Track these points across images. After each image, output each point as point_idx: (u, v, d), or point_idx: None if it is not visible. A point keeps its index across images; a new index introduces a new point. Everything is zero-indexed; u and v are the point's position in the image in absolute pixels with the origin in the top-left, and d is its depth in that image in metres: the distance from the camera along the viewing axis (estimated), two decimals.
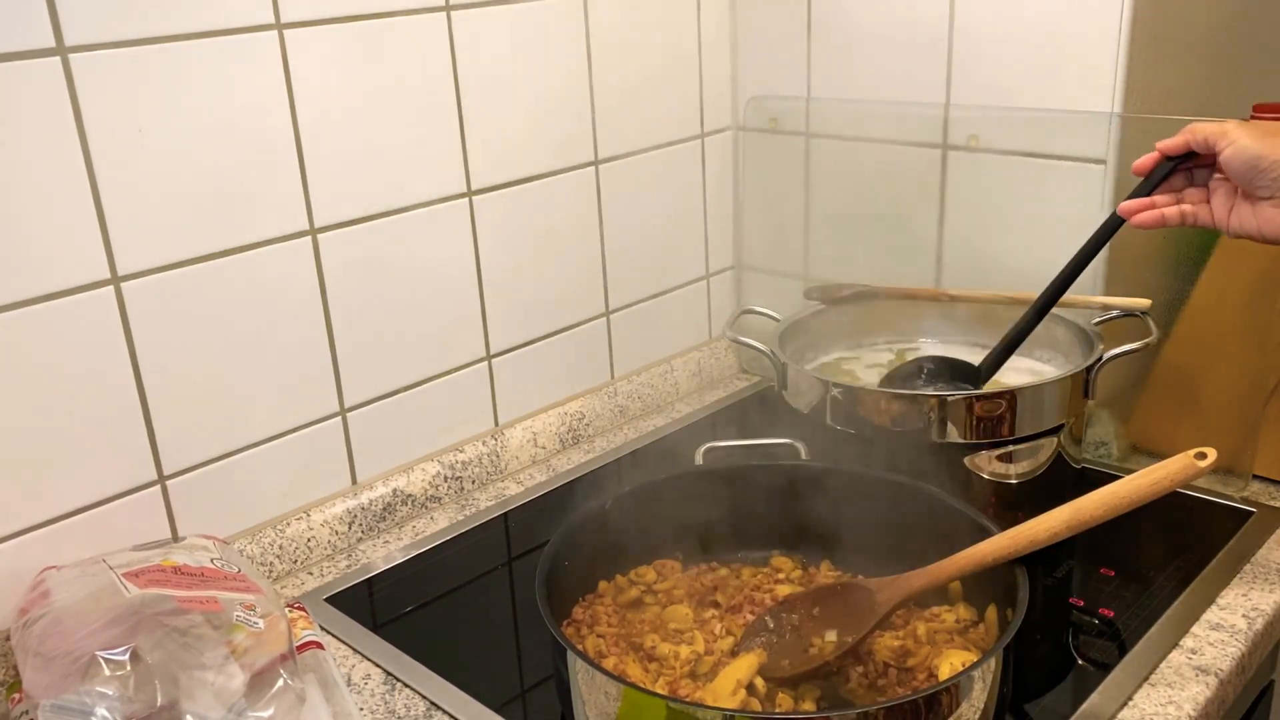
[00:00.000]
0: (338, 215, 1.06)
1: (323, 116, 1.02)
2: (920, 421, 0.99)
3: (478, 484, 1.23)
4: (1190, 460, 0.77)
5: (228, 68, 0.95)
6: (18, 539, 0.91)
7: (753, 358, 1.48)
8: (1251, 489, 1.11)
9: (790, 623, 0.87)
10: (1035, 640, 0.92)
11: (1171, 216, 0.94)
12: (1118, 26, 1.07)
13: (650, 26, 1.28)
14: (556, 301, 1.28)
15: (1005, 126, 1.16)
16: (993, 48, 1.16)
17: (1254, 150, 0.87)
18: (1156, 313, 1.08)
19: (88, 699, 0.73)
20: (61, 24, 0.85)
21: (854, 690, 0.81)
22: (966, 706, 0.72)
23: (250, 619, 0.81)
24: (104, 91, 0.88)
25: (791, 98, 1.34)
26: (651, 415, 1.40)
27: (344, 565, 1.09)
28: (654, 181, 1.35)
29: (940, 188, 1.23)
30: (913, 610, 0.88)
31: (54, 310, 0.89)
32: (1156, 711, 0.83)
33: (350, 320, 1.09)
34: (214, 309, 0.99)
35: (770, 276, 1.44)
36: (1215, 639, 0.90)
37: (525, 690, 0.92)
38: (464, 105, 1.13)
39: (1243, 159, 0.88)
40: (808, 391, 1.05)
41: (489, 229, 1.18)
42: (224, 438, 1.02)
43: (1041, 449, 1.02)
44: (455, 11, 1.10)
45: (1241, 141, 0.88)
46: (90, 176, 0.89)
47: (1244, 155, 0.88)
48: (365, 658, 0.95)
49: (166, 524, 1.00)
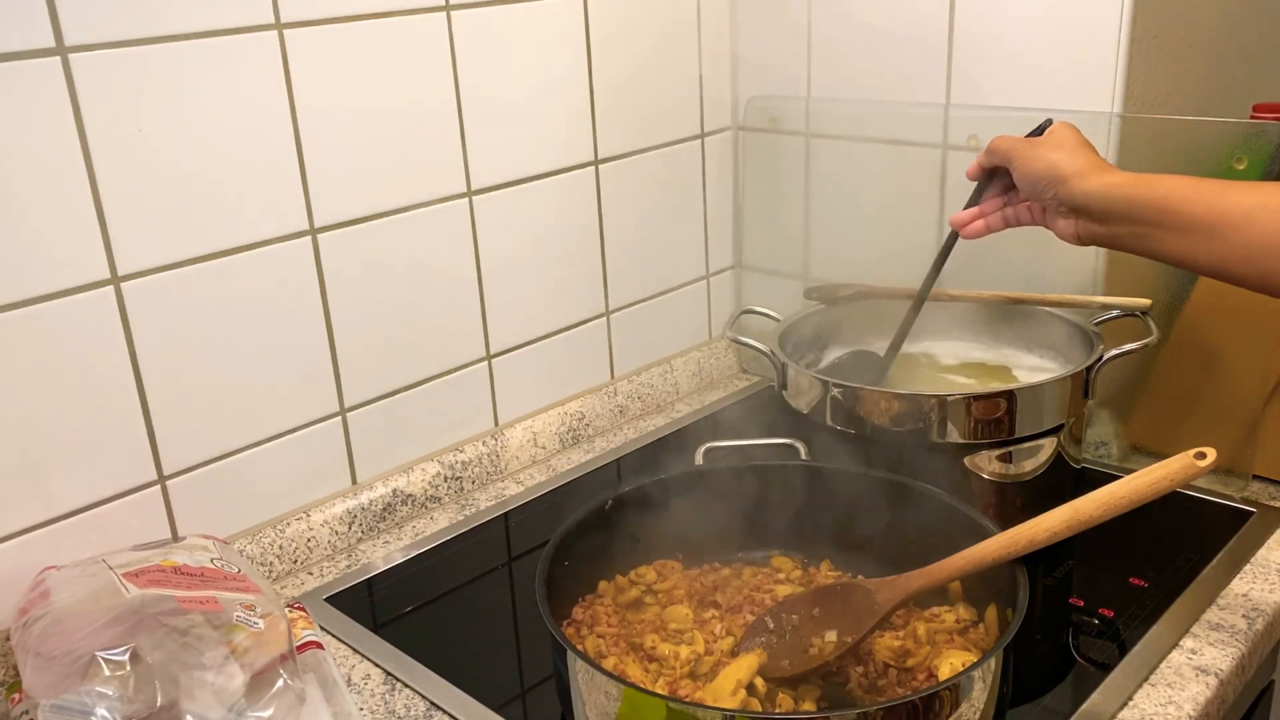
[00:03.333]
0: (338, 215, 1.06)
1: (323, 116, 1.02)
2: (920, 421, 0.99)
3: (478, 484, 1.23)
4: (1190, 460, 0.77)
5: (228, 68, 0.95)
6: (18, 539, 0.91)
7: (753, 358, 1.48)
8: (1251, 489, 1.11)
9: (790, 623, 0.87)
10: (1035, 640, 0.92)
11: (994, 223, 1.01)
12: (1118, 26, 1.07)
13: (650, 26, 1.28)
14: (556, 301, 1.28)
15: (1005, 126, 1.16)
16: (993, 48, 1.16)
17: (1029, 173, 0.94)
18: (1156, 313, 1.09)
19: (88, 699, 0.73)
20: (61, 24, 0.85)
21: (854, 690, 0.81)
22: (966, 706, 0.72)
23: (250, 619, 0.81)
24: (104, 91, 0.88)
25: (791, 98, 1.34)
26: (651, 415, 1.40)
27: (344, 565, 1.09)
28: (654, 181, 1.35)
29: (940, 188, 1.23)
30: (913, 610, 0.88)
31: (54, 310, 0.89)
32: (1156, 711, 0.83)
33: (350, 320, 1.09)
34: (214, 309, 0.99)
35: (770, 276, 1.44)
36: (1215, 639, 0.90)
37: (525, 690, 0.92)
38: (464, 105, 1.13)
39: (1023, 181, 0.95)
40: (808, 391, 1.05)
41: (489, 229, 1.18)
42: (224, 438, 1.02)
43: (1041, 449, 1.02)
44: (455, 11, 1.10)
45: (1019, 165, 0.95)
46: (90, 176, 0.89)
47: (1023, 178, 0.95)
48: (365, 658, 0.95)
49: (166, 524, 1.00)
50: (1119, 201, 0.88)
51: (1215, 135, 1.07)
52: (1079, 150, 0.93)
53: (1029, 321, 1.15)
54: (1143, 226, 0.87)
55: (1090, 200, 0.90)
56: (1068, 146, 0.93)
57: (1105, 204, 0.89)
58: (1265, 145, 1.04)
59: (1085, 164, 0.91)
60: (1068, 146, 0.93)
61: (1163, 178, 0.88)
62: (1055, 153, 0.93)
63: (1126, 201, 0.88)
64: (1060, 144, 0.94)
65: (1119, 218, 0.89)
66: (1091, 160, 0.92)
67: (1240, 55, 1.26)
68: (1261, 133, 1.05)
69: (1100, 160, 0.92)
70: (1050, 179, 0.92)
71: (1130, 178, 0.89)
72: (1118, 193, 0.88)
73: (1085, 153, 0.93)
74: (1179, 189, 0.86)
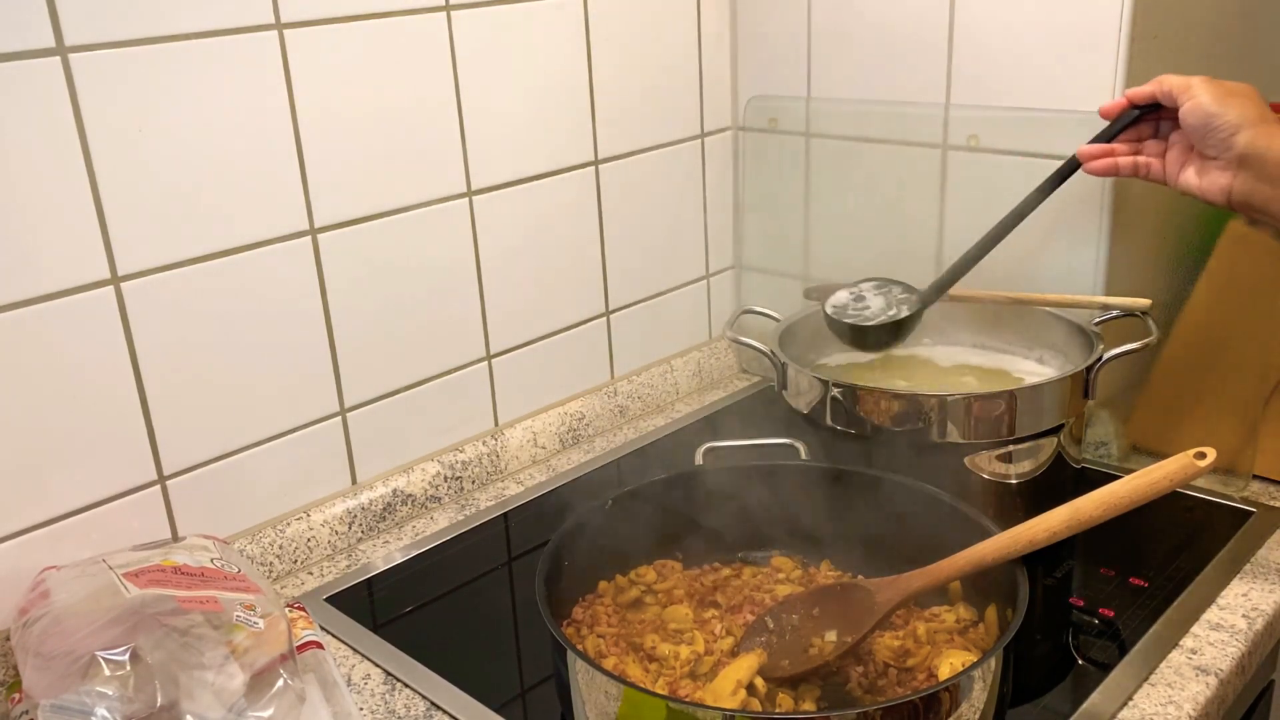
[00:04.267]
0: (338, 215, 1.06)
1: (323, 116, 1.02)
2: (920, 421, 0.99)
3: (478, 484, 1.23)
4: (1190, 460, 0.77)
5: (228, 68, 0.95)
6: (18, 539, 0.91)
7: (753, 358, 1.48)
8: (1251, 489, 1.11)
9: (790, 623, 0.87)
10: (1035, 640, 0.92)
11: (1125, 166, 0.96)
12: (1118, 26, 1.07)
13: (650, 26, 1.28)
14: (556, 301, 1.28)
15: (1005, 126, 1.16)
16: (993, 48, 1.16)
17: (1210, 109, 0.88)
18: (1156, 313, 1.08)
19: (88, 699, 0.73)
20: (61, 24, 0.85)
21: (854, 690, 0.81)
22: (966, 706, 0.72)
23: (250, 619, 0.81)
24: (104, 91, 0.88)
25: (791, 98, 1.34)
26: (651, 415, 1.40)
27: (344, 565, 1.09)
28: (654, 181, 1.35)
29: (940, 188, 1.23)
30: (913, 610, 0.88)
31: (54, 310, 0.89)
32: (1156, 711, 0.83)
33: (350, 320, 1.09)
34: (214, 309, 0.99)
35: (770, 276, 1.44)
36: (1215, 639, 0.90)
37: (525, 690, 0.92)
38: (464, 105, 1.13)
39: (1198, 115, 0.89)
40: (808, 391, 1.05)
41: (489, 229, 1.18)
42: (224, 438, 1.02)
43: (1041, 449, 1.02)
44: (455, 11, 1.10)
45: (1201, 98, 0.89)
46: (90, 176, 0.89)
47: (1200, 112, 0.89)
48: (365, 658, 0.95)
49: (166, 524, 1.00)
50: None
51: None
52: (1260, 103, 0.89)
53: (1029, 321, 1.15)
54: None
55: (1269, 153, 0.86)
56: (1250, 96, 0.89)
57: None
58: None
59: (1267, 115, 0.87)
60: (1250, 96, 0.89)
61: None
62: (1235, 96, 0.89)
63: None
64: (1241, 91, 0.90)
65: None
66: (1272, 115, 0.88)
67: (1240, 55, 1.26)
68: None
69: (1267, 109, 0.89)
70: (1229, 122, 0.87)
71: None
72: None
73: (1264, 107, 0.89)
74: None
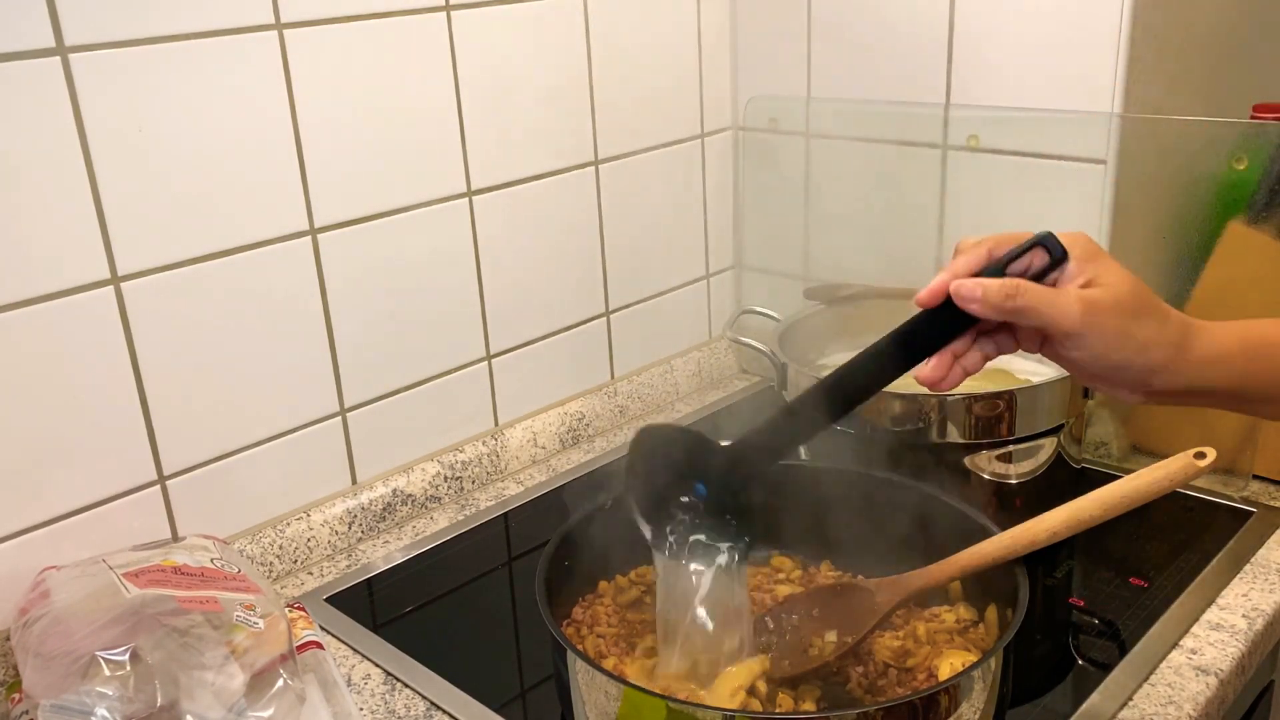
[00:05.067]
0: (338, 215, 1.06)
1: (323, 116, 1.02)
2: (920, 421, 0.99)
3: (478, 484, 1.23)
4: (1190, 460, 0.77)
5: (227, 68, 0.95)
6: (18, 539, 0.91)
7: (753, 358, 1.48)
8: (1251, 489, 1.11)
9: (790, 623, 0.87)
10: (1035, 640, 0.92)
11: (972, 365, 0.71)
12: (1118, 27, 1.07)
13: (650, 26, 1.28)
14: (556, 301, 1.28)
15: (1005, 126, 1.16)
16: (993, 48, 1.16)
17: (1112, 359, 0.66)
18: None
19: (88, 699, 0.73)
20: (61, 24, 0.85)
21: (854, 690, 0.81)
22: (966, 706, 0.71)
23: (250, 619, 0.81)
24: (104, 91, 0.88)
25: (791, 98, 1.34)
26: (651, 415, 1.40)
27: (344, 565, 1.09)
28: (654, 181, 1.34)
29: (940, 188, 1.23)
30: (913, 610, 0.88)
31: (54, 310, 0.89)
32: (1156, 711, 0.83)
33: (350, 320, 1.09)
34: (214, 309, 0.99)
35: (770, 276, 1.44)
36: (1215, 639, 0.90)
37: (525, 690, 0.92)
38: (464, 105, 1.13)
39: (1095, 364, 0.67)
40: None
41: (489, 229, 1.18)
42: (224, 438, 1.02)
43: (1041, 449, 1.02)
44: (455, 11, 1.10)
45: (1095, 348, 0.65)
46: (90, 176, 0.89)
47: (1095, 362, 0.66)
48: (365, 658, 0.95)
49: (166, 524, 1.00)
50: (1231, 378, 0.68)
51: (1215, 135, 1.07)
52: (1154, 308, 0.67)
53: None
54: (1249, 404, 0.71)
55: (1194, 384, 0.68)
56: (1142, 308, 0.66)
57: (1209, 384, 0.68)
58: (1265, 145, 1.04)
59: (1177, 331, 0.67)
60: (1142, 308, 0.66)
61: (1268, 331, 0.69)
62: (1134, 323, 0.65)
63: (1240, 377, 0.68)
64: (1132, 307, 0.65)
65: (1225, 395, 0.70)
66: (1175, 318, 0.67)
67: (1240, 55, 1.26)
68: (1261, 133, 1.05)
69: (1168, 308, 0.68)
70: (1144, 368, 0.66)
71: (1235, 341, 0.68)
72: (1230, 368, 0.68)
73: (1158, 305, 0.67)
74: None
